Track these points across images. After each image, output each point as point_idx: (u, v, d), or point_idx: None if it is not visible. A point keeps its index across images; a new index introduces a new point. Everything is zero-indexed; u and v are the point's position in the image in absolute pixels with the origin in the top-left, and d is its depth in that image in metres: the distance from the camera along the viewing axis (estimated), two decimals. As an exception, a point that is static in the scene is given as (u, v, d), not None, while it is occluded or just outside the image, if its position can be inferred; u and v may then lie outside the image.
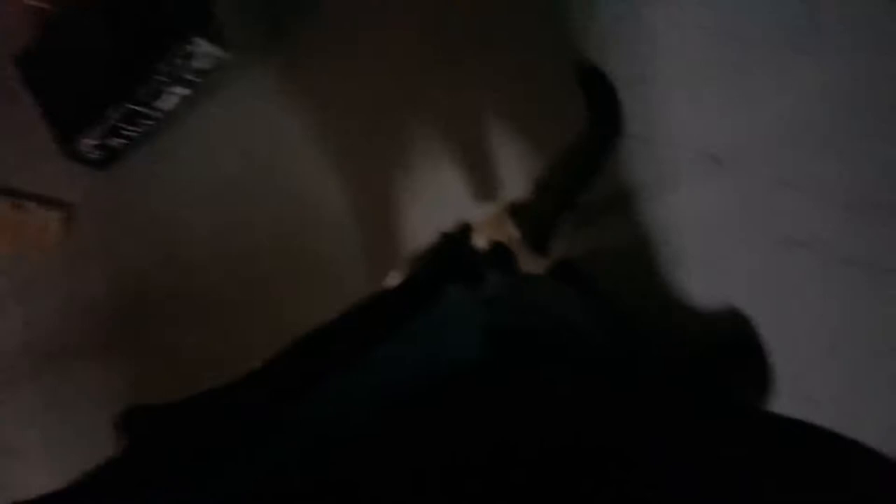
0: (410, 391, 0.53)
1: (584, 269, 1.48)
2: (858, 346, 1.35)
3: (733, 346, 1.38)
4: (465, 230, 1.23)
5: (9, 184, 2.05)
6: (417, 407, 0.52)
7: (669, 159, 1.38)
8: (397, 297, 0.75)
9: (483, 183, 1.67)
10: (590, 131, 1.41)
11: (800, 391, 1.33)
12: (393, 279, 1.28)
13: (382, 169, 1.83)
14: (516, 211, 1.55)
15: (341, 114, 1.87)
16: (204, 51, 1.80)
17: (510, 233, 1.48)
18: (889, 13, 1.35)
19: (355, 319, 0.67)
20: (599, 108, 1.41)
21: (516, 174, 1.58)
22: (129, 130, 1.93)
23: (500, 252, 1.40)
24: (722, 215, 1.35)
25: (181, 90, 1.90)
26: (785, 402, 1.30)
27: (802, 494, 0.47)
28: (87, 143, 1.92)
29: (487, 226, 1.53)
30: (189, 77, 1.87)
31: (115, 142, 1.95)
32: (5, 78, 1.97)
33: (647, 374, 1.01)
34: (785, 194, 1.30)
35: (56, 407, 2.03)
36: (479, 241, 1.45)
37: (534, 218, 1.51)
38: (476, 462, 0.47)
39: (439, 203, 1.68)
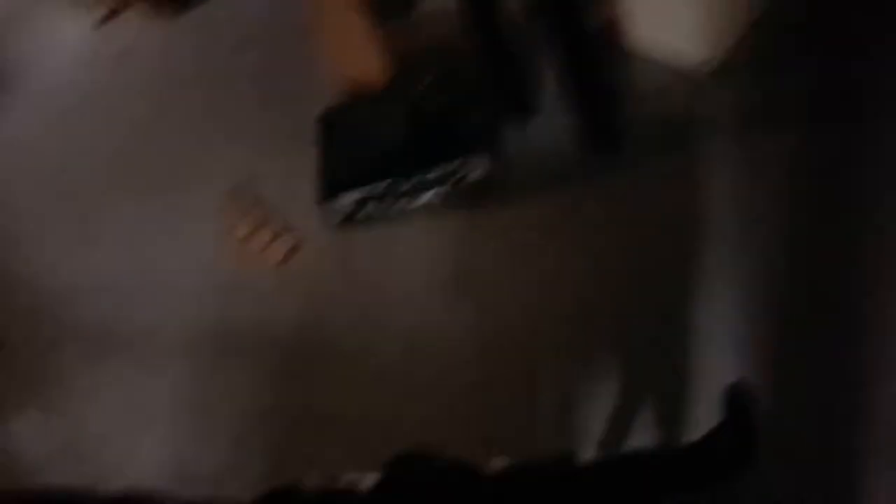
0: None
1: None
2: None
3: None
4: None
5: (267, 202, 2.34)
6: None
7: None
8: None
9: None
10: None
11: None
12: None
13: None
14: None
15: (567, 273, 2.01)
16: (482, 168, 2.03)
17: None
18: None
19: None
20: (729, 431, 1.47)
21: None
22: (380, 205, 2.17)
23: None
24: None
25: (442, 190, 2.12)
26: None
27: None
28: (342, 201, 2.16)
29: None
30: (456, 183, 2.09)
31: (363, 210, 2.18)
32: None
33: None
34: None
35: (199, 392, 2.17)
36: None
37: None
38: None
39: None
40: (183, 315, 2.28)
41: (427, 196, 2.14)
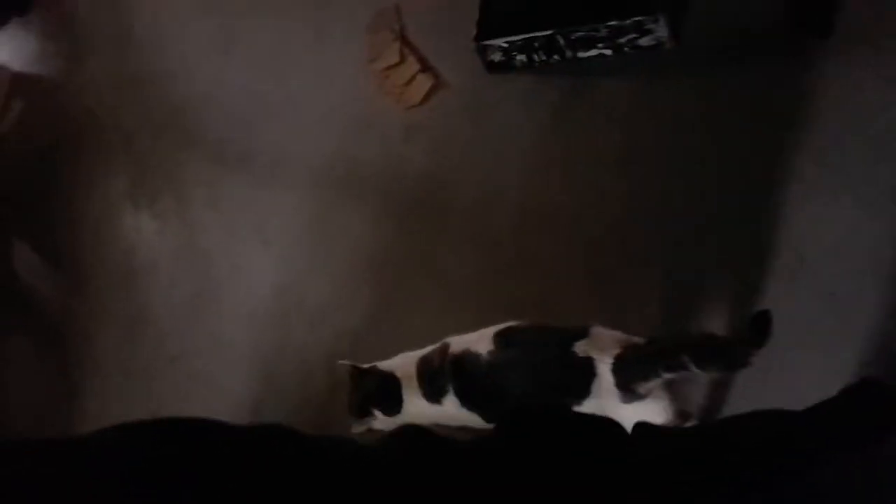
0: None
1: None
2: None
3: None
4: None
5: (413, 36, 2.15)
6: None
7: None
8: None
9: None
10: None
11: None
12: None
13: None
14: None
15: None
16: (658, 33, 1.76)
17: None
18: None
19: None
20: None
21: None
22: (537, 55, 1.94)
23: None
24: None
25: (608, 51, 1.87)
26: None
27: None
28: (498, 44, 1.95)
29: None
30: (624, 45, 1.84)
31: (518, 58, 1.97)
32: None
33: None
34: None
35: (314, 224, 2.11)
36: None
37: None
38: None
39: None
40: (311, 143, 2.19)
41: (589, 54, 1.90)
